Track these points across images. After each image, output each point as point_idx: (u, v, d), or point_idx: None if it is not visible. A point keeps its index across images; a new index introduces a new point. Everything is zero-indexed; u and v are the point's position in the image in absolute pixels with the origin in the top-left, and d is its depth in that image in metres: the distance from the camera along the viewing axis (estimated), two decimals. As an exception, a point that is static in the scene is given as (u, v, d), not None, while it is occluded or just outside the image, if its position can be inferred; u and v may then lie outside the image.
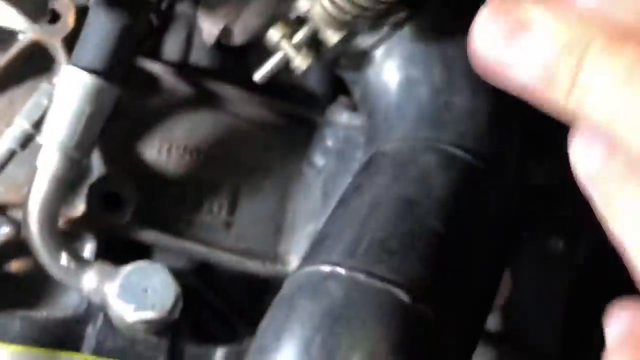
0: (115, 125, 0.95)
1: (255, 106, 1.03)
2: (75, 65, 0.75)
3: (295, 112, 1.03)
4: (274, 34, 0.74)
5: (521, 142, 0.78)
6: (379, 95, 0.79)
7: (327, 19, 0.67)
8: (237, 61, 1.11)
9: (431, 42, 0.76)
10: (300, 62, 0.75)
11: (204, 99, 1.02)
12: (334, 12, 0.66)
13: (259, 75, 0.81)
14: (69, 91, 0.75)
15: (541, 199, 0.87)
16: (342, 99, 1.05)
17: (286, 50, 0.75)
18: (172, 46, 1.06)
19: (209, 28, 0.81)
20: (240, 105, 1.03)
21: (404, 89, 0.77)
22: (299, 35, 0.74)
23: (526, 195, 0.79)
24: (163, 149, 0.94)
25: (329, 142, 1.00)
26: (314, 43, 0.75)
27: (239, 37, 0.82)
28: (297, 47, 0.75)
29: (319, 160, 1.00)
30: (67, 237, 0.84)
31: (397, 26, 0.76)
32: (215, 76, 1.02)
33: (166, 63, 1.01)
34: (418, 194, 0.65)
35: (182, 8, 1.03)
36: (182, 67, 1.02)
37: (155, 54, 1.05)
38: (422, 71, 0.77)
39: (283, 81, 1.11)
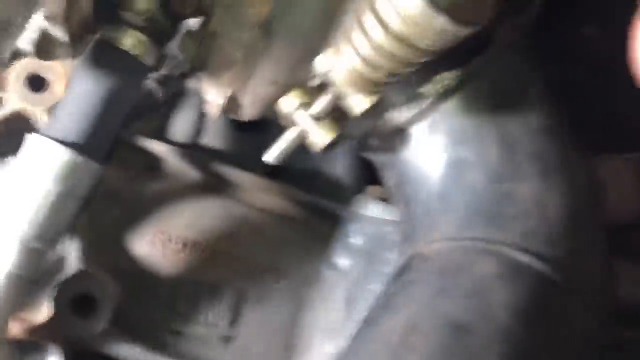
0: (103, 211, 0.81)
1: (270, 195, 0.88)
2: (44, 134, 0.62)
3: (316, 203, 0.87)
4: (288, 104, 0.60)
5: (605, 243, 0.60)
6: (419, 182, 0.63)
7: (354, 80, 0.53)
8: (254, 144, 0.98)
9: (487, 114, 0.60)
10: (321, 138, 0.60)
11: (213, 186, 0.87)
12: (363, 70, 0.51)
13: (271, 156, 0.66)
14: (33, 166, 0.61)
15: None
16: (372, 189, 0.90)
17: (303, 123, 0.60)
18: (181, 126, 0.94)
19: (212, 99, 0.67)
20: (254, 193, 0.88)
21: (452, 175, 0.61)
22: (319, 104, 0.59)
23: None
24: (157, 241, 0.79)
25: (355, 240, 0.83)
26: (337, 114, 0.60)
27: (249, 109, 0.68)
28: (316, 119, 0.59)
29: (342, 260, 0.83)
30: (25, 348, 0.67)
31: (444, 95, 0.61)
32: (229, 160, 0.89)
33: (173, 144, 0.88)
34: (472, 317, 0.47)
35: (193, 84, 0.92)
36: (191, 149, 0.89)
37: (161, 134, 0.93)
38: (476, 151, 0.61)
39: (302, 165, 0.97)
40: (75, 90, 0.64)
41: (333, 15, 0.58)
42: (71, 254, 0.71)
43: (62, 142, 0.61)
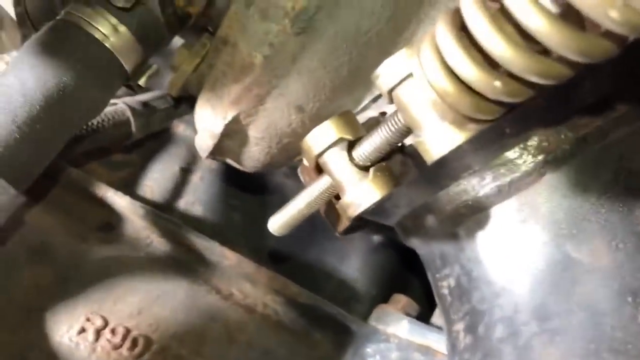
0: (26, 271, 0.57)
1: (258, 287, 0.65)
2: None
3: (320, 309, 0.64)
4: (320, 140, 0.39)
5: None
6: (497, 289, 0.42)
7: (447, 98, 0.32)
8: (251, 213, 0.75)
9: (610, 196, 0.40)
10: (360, 197, 0.39)
11: (181, 262, 0.65)
12: (469, 81, 0.30)
13: (275, 223, 0.45)
14: None
15: None
16: (396, 299, 0.67)
17: (338, 171, 0.39)
18: (157, 180, 0.72)
19: (207, 126, 0.46)
20: (236, 281, 0.65)
21: (556, 283, 0.39)
22: (371, 143, 0.38)
23: None
24: (90, 328, 0.55)
25: (372, 368, 0.60)
26: (391, 165, 0.39)
27: (254, 151, 0.47)
28: (361, 168, 0.39)
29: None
30: None
31: (546, 164, 0.40)
32: (211, 232, 0.66)
33: (141, 200, 0.66)
34: None
35: (179, 128, 0.71)
36: (162, 211, 0.66)
37: (130, 187, 0.71)
38: (593, 250, 0.39)
39: (308, 257, 0.74)
40: (8, 80, 0.43)
41: (399, 24, 0.39)
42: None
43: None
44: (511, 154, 0.42)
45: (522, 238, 0.42)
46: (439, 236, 0.46)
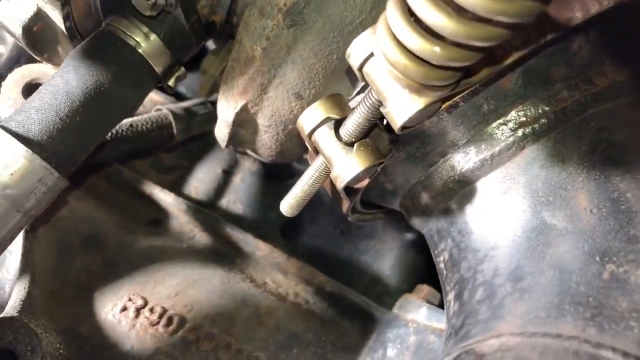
0: (78, 257, 0.65)
1: (290, 278, 0.69)
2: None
3: (349, 299, 0.68)
4: (310, 119, 0.44)
5: None
6: (482, 255, 0.44)
7: (400, 69, 0.36)
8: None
9: (585, 167, 0.41)
10: (347, 169, 0.42)
11: (219, 253, 0.70)
12: (412, 54, 0.34)
13: (285, 205, 0.50)
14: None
15: None
16: (419, 288, 0.69)
17: (328, 147, 0.43)
18: (201, 181, 0.79)
19: (222, 116, 0.51)
20: (269, 271, 0.70)
21: (533, 247, 0.42)
22: (352, 121, 0.42)
23: None
24: (130, 307, 0.61)
25: (392, 351, 0.62)
26: (373, 142, 0.43)
27: (266, 139, 0.52)
28: (346, 144, 0.43)
29: (369, 376, 0.62)
30: None
31: (525, 138, 0.43)
32: (250, 229, 0.72)
33: (187, 199, 0.72)
34: None
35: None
36: (205, 208, 0.73)
37: (178, 188, 0.78)
38: (569, 216, 0.41)
39: (343, 256, 0.78)
40: (55, 80, 0.51)
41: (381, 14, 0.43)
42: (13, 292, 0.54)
43: (17, 136, 0.47)
44: (491, 129, 0.45)
45: (504, 208, 0.44)
46: (434, 212, 0.49)
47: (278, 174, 0.78)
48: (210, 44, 0.70)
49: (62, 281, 0.62)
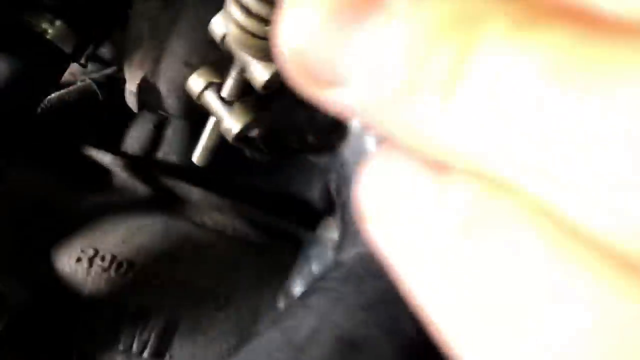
0: (31, 219, 0.73)
1: (224, 214, 0.78)
2: None
3: (278, 226, 0.77)
4: (196, 84, 0.51)
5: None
6: (349, 178, 0.52)
7: (246, 40, 0.43)
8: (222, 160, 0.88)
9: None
10: (233, 123, 0.50)
11: (159, 201, 0.79)
12: (249, 25, 0.41)
13: (196, 156, 0.57)
14: None
15: None
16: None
17: (214, 107, 0.51)
18: (136, 137, 0.86)
19: (129, 83, 0.59)
20: (205, 211, 0.79)
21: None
22: (228, 83, 0.49)
23: None
24: (84, 257, 0.70)
25: (315, 267, 0.72)
26: (250, 98, 0.50)
27: (170, 99, 0.59)
28: (228, 103, 0.50)
29: (300, 289, 0.72)
30: None
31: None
32: (185, 177, 0.80)
33: (124, 156, 0.80)
34: (367, 331, 0.35)
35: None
36: (141, 162, 0.81)
37: (115, 146, 0.85)
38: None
39: (273, 189, 0.87)
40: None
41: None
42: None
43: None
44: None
45: (369, 143, 0.53)
46: (320, 149, 0.58)
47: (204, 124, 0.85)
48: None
49: (20, 246, 0.70)
